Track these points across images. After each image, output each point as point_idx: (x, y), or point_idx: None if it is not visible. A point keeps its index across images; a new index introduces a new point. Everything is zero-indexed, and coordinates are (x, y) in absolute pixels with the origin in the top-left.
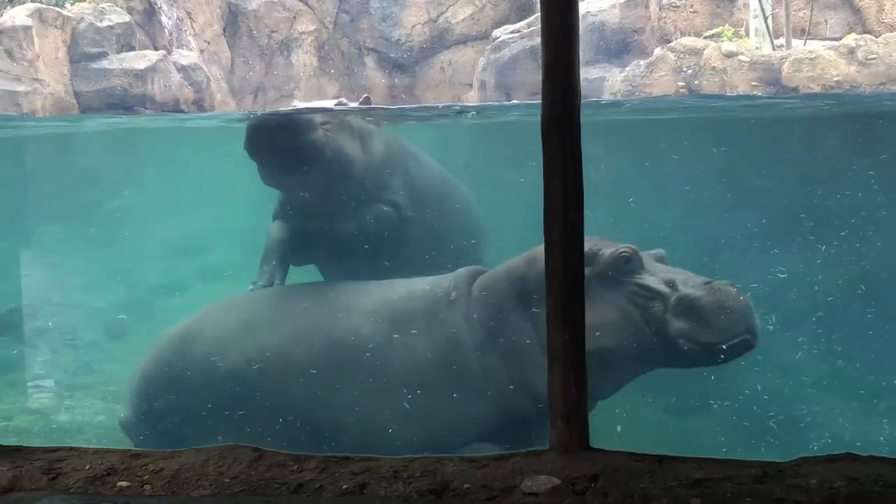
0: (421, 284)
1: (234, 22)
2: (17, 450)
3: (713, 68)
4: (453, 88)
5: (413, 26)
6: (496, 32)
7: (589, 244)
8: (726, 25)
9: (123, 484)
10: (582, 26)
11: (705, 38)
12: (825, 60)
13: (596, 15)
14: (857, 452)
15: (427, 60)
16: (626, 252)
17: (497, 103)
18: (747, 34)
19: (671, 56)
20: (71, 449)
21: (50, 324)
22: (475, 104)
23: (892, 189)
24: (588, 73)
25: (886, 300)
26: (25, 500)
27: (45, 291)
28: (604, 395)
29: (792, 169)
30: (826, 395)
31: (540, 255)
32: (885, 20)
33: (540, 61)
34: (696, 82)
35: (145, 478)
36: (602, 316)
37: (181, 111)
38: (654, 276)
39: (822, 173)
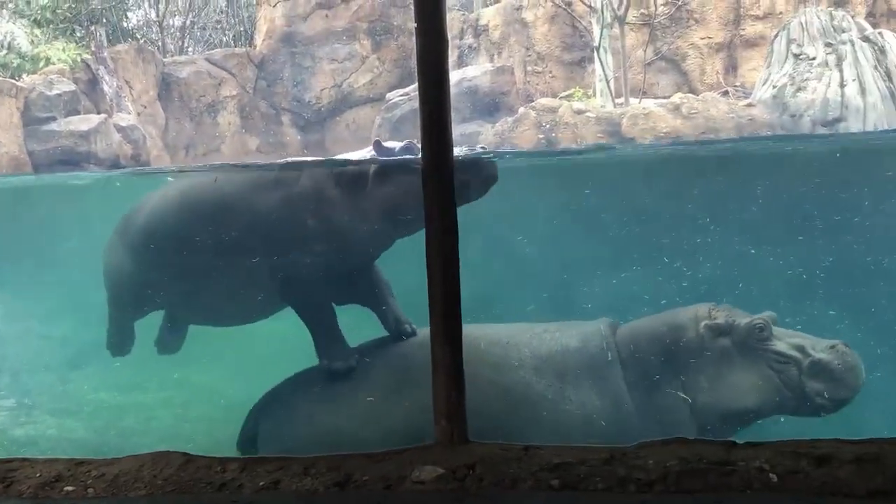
0: (570, 339)
1: (167, 88)
2: None
3: (566, 123)
4: (357, 143)
5: (321, 90)
6: (389, 95)
7: (724, 315)
8: (577, 88)
9: (69, 488)
10: (458, 90)
11: (561, 98)
12: (656, 115)
13: (471, 80)
14: (686, 437)
15: (334, 119)
16: (760, 323)
17: None
18: (595, 94)
19: (533, 114)
20: (24, 460)
21: (8, 351)
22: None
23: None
24: (465, 129)
25: None
26: None
27: (4, 323)
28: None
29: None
30: None
31: (684, 323)
32: (707, 81)
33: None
34: (553, 135)
35: (88, 482)
36: (747, 381)
37: (122, 166)
38: (784, 341)
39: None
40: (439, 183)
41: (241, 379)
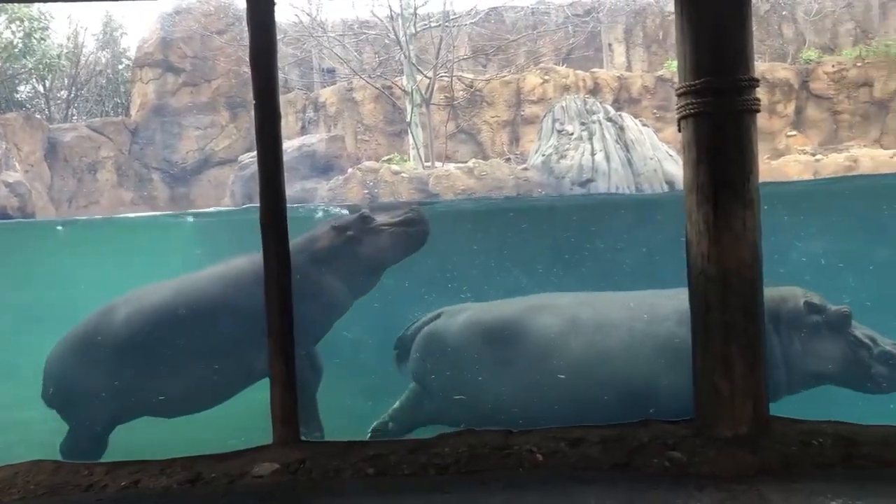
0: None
1: (53, 150)
2: None
3: (386, 181)
4: (217, 196)
5: (187, 152)
6: (241, 157)
7: (818, 298)
8: (396, 153)
9: None
10: (300, 153)
11: (382, 161)
12: (455, 176)
13: (310, 146)
14: (475, 429)
15: (198, 176)
16: (847, 311)
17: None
18: (410, 159)
19: (359, 174)
20: None
21: None
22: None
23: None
24: (304, 185)
25: None
26: None
27: None
28: (795, 393)
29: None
30: None
31: (788, 296)
32: (496, 150)
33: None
34: (376, 191)
35: None
36: (828, 353)
37: (9, 216)
38: (859, 331)
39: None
40: (276, 231)
41: None
